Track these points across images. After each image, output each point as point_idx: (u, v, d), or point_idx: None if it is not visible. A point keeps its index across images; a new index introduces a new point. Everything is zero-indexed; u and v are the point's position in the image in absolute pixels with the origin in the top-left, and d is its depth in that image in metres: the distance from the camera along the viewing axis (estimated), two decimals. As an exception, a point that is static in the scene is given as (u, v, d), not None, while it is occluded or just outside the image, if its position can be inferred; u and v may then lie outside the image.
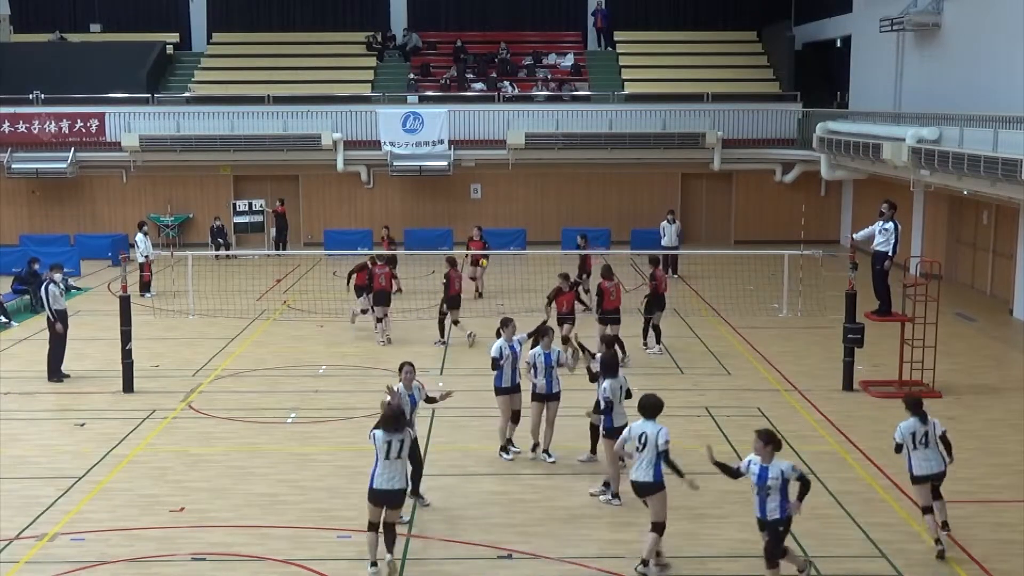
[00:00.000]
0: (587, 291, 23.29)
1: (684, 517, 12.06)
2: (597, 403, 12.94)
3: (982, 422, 15.68)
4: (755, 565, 10.90)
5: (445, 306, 20.47)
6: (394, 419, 10.61)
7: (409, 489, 11.21)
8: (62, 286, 18.47)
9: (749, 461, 9.96)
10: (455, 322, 20.49)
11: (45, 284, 18.21)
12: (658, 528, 10.65)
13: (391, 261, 21.88)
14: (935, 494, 11.33)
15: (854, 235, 18.52)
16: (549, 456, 13.85)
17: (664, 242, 28.01)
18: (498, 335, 13.99)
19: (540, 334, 13.86)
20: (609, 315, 18.69)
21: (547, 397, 13.77)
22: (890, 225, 17.22)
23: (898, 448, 11.39)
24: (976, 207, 25.82)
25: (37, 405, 16.69)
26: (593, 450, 13.70)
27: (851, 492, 12.81)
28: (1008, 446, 14.59)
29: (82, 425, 15.47)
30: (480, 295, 24.82)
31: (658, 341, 19.80)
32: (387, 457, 10.50)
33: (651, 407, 10.96)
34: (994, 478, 13.37)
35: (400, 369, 12.40)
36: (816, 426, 15.47)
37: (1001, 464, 13.88)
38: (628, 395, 12.59)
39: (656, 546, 10.66)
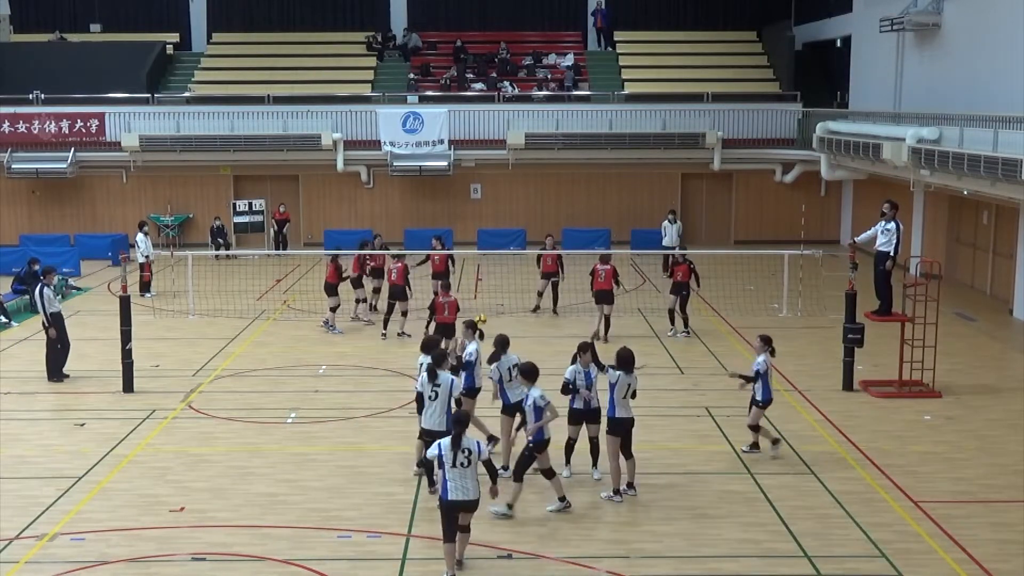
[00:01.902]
0: (541, 295, 23.03)
1: (684, 517, 12.08)
2: (572, 411, 12.96)
3: (982, 422, 15.67)
4: (755, 565, 10.92)
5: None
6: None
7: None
8: (54, 288, 18.29)
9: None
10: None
11: (39, 287, 18.07)
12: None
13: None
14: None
15: (856, 239, 18.46)
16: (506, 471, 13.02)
17: (665, 242, 28.03)
18: (574, 360, 12.93)
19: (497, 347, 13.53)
20: (599, 296, 20.49)
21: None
22: (892, 225, 17.20)
23: (759, 376, 13.82)
24: (976, 207, 25.82)
25: (37, 405, 16.69)
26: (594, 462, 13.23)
27: (851, 492, 12.80)
28: (1008, 446, 14.59)
29: (82, 425, 15.47)
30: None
31: (685, 326, 21.20)
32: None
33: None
34: (994, 478, 13.36)
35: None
36: (816, 426, 15.47)
37: (1001, 464, 13.87)
38: (633, 395, 12.62)
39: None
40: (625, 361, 12.55)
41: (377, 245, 23.33)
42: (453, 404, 12.20)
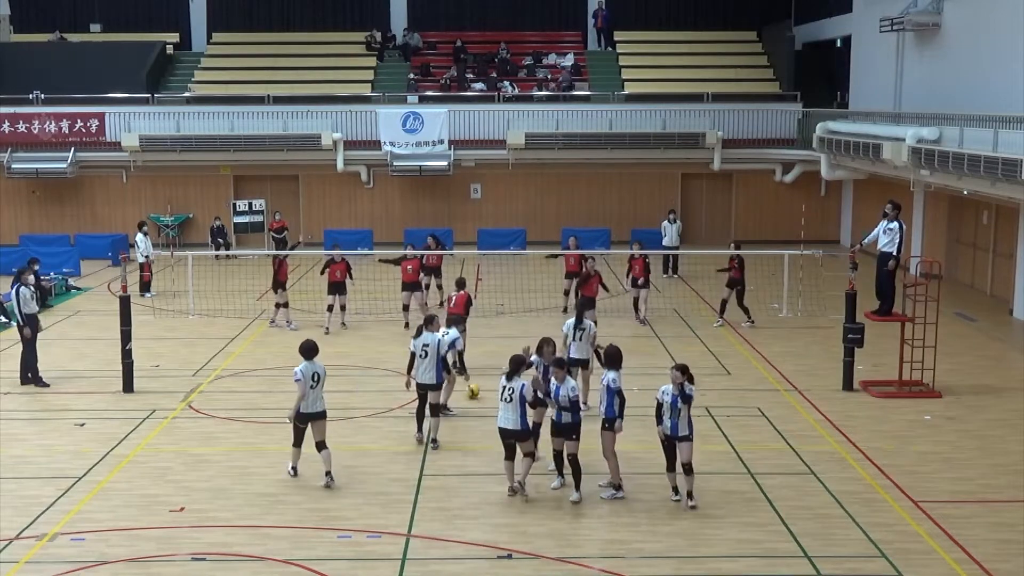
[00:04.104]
0: (568, 293, 22.79)
1: (684, 517, 12.09)
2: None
3: (982, 422, 15.67)
4: (755, 565, 10.92)
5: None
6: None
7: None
8: (32, 289, 18.05)
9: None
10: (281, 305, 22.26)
11: (16, 287, 17.79)
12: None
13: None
14: None
15: (863, 241, 18.44)
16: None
17: (665, 241, 28.04)
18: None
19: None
20: (635, 282, 22.16)
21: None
22: (895, 225, 17.19)
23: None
24: (976, 207, 25.82)
25: (37, 405, 16.70)
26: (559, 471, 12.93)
27: (851, 492, 12.80)
28: (1008, 446, 14.59)
29: (82, 425, 15.47)
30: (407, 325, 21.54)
31: (748, 316, 22.04)
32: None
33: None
34: (994, 478, 13.36)
35: (541, 345, 13.52)
36: (816, 426, 15.47)
37: (1001, 464, 13.87)
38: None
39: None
40: (612, 358, 12.63)
41: (432, 245, 23.20)
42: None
